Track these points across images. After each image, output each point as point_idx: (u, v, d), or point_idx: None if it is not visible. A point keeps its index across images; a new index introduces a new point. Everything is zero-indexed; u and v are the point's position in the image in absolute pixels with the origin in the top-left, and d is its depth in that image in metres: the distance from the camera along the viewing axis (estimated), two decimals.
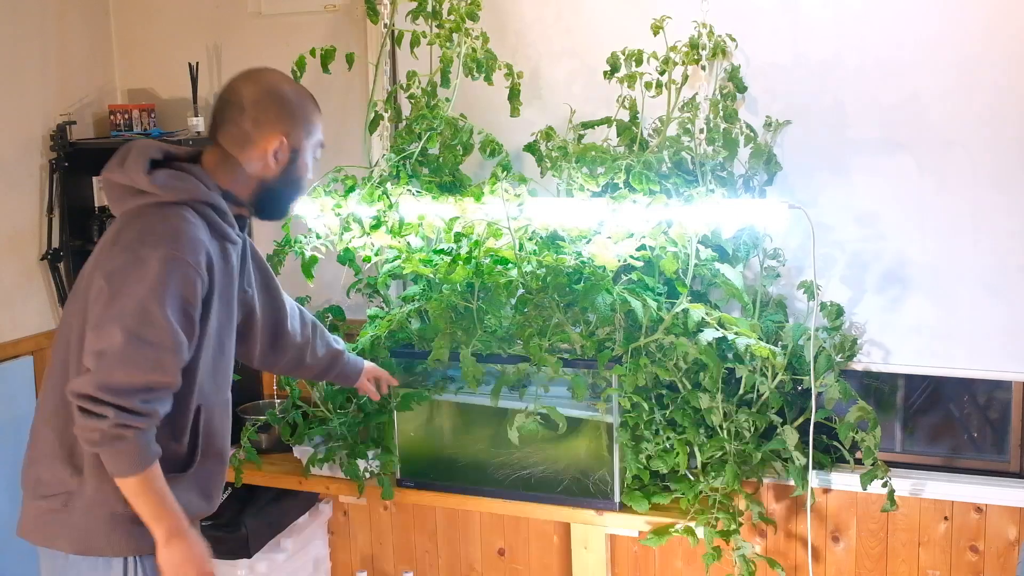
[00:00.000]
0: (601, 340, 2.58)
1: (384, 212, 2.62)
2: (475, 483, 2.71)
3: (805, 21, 2.59)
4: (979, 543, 2.65)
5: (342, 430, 2.81)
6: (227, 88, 1.94)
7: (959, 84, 2.49)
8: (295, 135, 1.92)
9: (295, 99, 1.93)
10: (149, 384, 1.77)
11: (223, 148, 1.92)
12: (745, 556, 2.49)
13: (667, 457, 2.55)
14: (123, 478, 1.80)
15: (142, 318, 1.76)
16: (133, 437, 1.77)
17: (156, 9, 3.29)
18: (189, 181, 1.86)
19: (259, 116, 1.89)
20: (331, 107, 3.07)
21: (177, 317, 1.79)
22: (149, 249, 1.78)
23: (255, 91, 1.91)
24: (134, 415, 1.76)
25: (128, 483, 1.80)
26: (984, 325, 2.56)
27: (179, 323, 1.79)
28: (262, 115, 1.89)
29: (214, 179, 1.91)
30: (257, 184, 1.94)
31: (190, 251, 1.80)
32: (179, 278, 1.79)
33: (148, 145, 1.90)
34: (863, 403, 2.45)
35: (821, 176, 2.62)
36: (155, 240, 1.79)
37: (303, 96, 1.96)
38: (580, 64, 2.78)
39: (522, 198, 2.47)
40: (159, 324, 1.76)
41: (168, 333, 1.77)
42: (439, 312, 2.59)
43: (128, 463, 1.79)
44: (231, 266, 1.95)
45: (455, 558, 3.18)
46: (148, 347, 1.76)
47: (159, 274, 1.77)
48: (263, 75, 1.94)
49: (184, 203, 1.85)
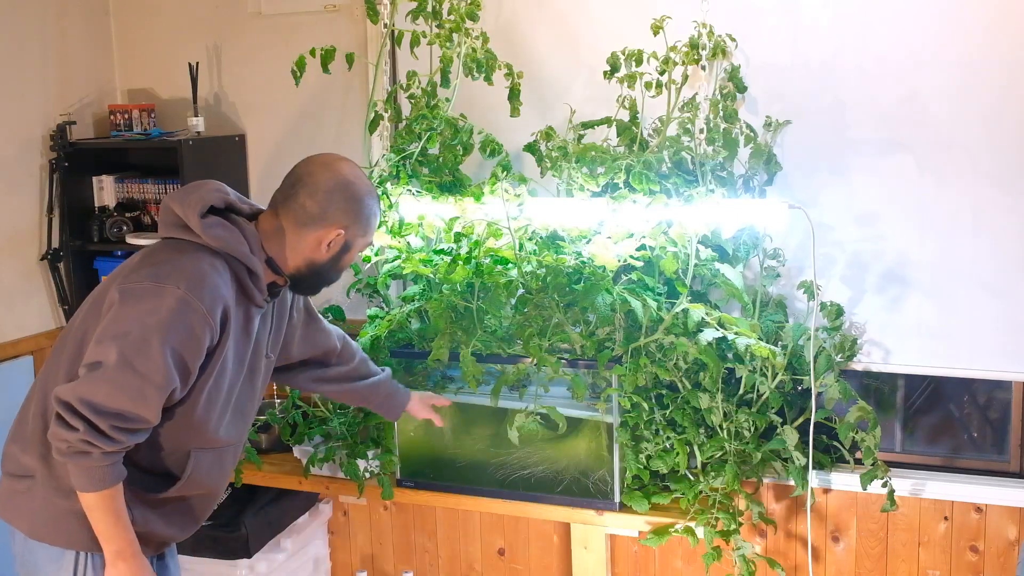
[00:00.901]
0: (601, 340, 2.58)
1: (384, 212, 2.62)
2: (475, 483, 2.71)
3: (805, 21, 2.59)
4: (979, 543, 2.65)
5: (342, 430, 2.80)
6: (304, 166, 1.98)
7: (959, 84, 2.49)
8: (353, 231, 1.98)
9: (364, 198, 1.98)
10: (126, 412, 1.79)
11: (286, 220, 1.96)
12: (745, 556, 2.49)
13: (667, 457, 2.55)
14: (81, 492, 1.83)
15: (140, 347, 1.78)
16: (98, 457, 1.79)
17: (156, 9, 3.29)
18: (236, 237, 1.90)
19: (328, 205, 1.94)
20: (331, 107, 3.08)
21: (174, 358, 1.80)
22: (171, 284, 1.81)
23: (331, 180, 1.95)
24: (102, 436, 1.78)
25: (85, 498, 1.83)
26: (984, 325, 2.56)
27: (174, 364, 1.81)
28: (331, 205, 1.94)
29: (265, 243, 1.95)
30: (304, 263, 1.98)
31: (208, 300, 1.83)
32: (188, 322, 1.81)
33: (217, 190, 1.94)
34: (863, 403, 2.45)
35: (821, 176, 2.62)
36: (179, 278, 1.82)
37: (371, 196, 2.01)
38: (580, 64, 2.78)
39: (522, 198, 2.47)
40: (154, 359, 1.78)
41: (160, 370, 1.79)
42: (439, 312, 2.59)
43: (88, 479, 1.81)
44: (252, 328, 1.98)
45: (455, 558, 3.18)
46: (136, 376, 1.78)
47: (171, 311, 1.79)
48: (342, 165, 1.99)
49: (222, 254, 1.89)
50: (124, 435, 1.81)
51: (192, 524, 2.09)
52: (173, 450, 1.95)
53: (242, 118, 3.22)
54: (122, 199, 3.22)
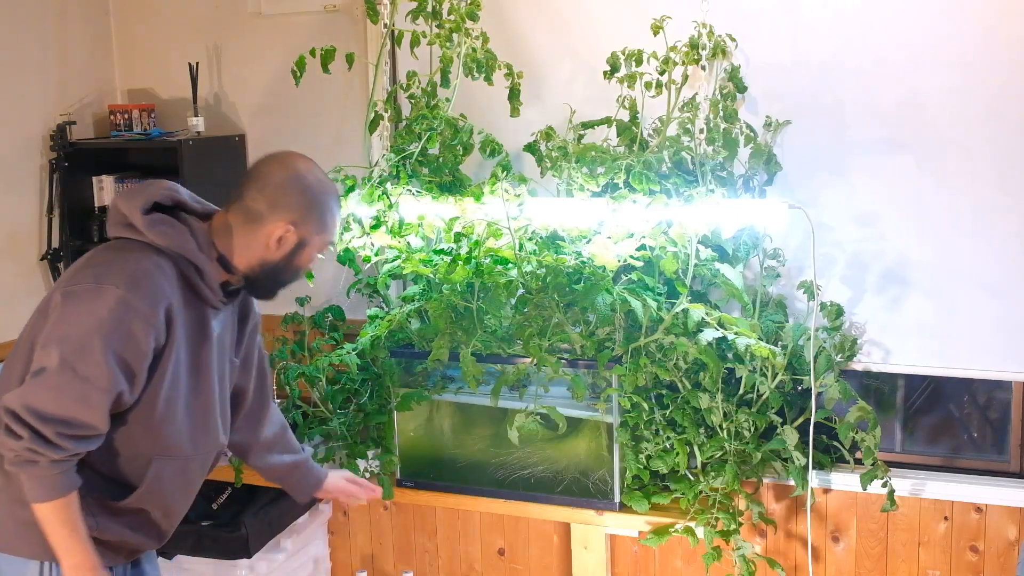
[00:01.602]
0: (601, 340, 2.58)
1: (384, 212, 2.62)
2: (475, 483, 2.71)
3: (805, 21, 2.59)
4: (979, 543, 2.65)
5: (342, 430, 2.81)
6: (258, 163, 1.94)
7: (959, 84, 2.49)
8: (305, 227, 1.91)
9: (316, 193, 1.92)
10: (70, 418, 1.74)
11: (238, 217, 1.90)
12: (745, 556, 2.49)
13: (667, 457, 2.55)
14: (34, 503, 1.78)
15: (81, 350, 1.73)
16: (46, 465, 1.74)
17: (156, 9, 3.29)
18: (182, 235, 1.85)
19: (276, 200, 1.88)
20: (331, 107, 3.08)
21: (117, 360, 1.75)
22: (110, 285, 1.76)
23: (282, 175, 1.90)
24: (48, 444, 1.73)
25: (38, 509, 1.78)
26: (984, 325, 2.56)
27: (118, 366, 1.75)
28: (280, 200, 1.88)
29: (215, 241, 1.89)
30: (257, 262, 1.91)
31: (149, 300, 1.77)
32: (129, 323, 1.75)
33: (167, 188, 1.89)
34: (863, 403, 2.45)
35: (821, 176, 2.62)
36: (120, 278, 1.77)
37: (325, 192, 1.94)
38: (580, 64, 2.78)
39: (522, 198, 2.47)
40: (95, 361, 1.73)
41: (103, 373, 1.74)
42: (439, 312, 2.59)
43: (38, 489, 1.76)
44: (209, 330, 1.92)
45: (455, 558, 3.18)
46: (79, 380, 1.73)
47: (111, 312, 1.74)
48: (296, 161, 1.94)
49: (167, 253, 1.83)
50: (71, 442, 1.75)
51: (158, 535, 2.01)
52: (133, 456, 1.89)
53: (242, 118, 3.22)
54: None
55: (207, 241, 1.88)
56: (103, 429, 1.79)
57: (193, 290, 1.87)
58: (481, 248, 2.53)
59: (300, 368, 2.76)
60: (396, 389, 2.74)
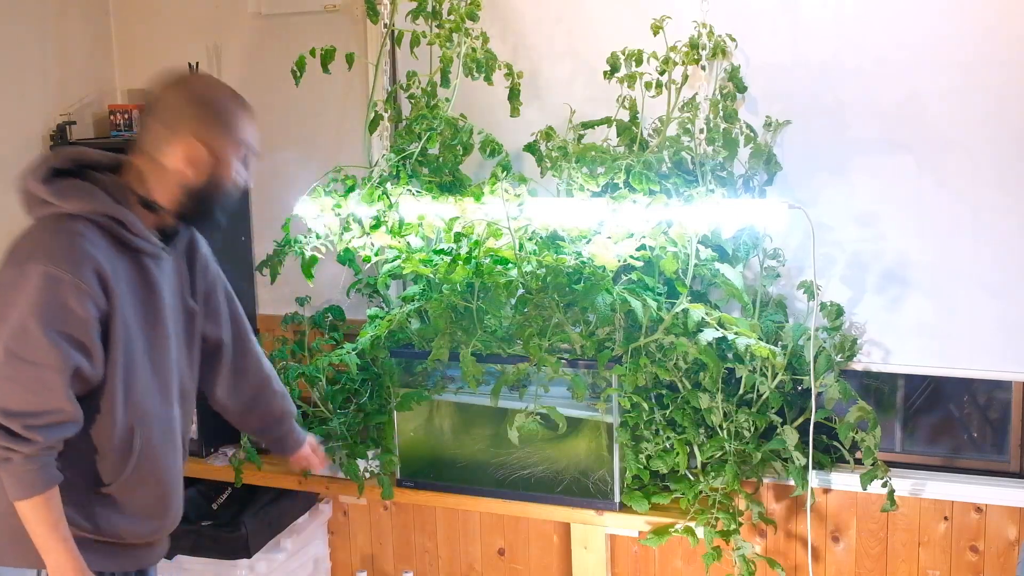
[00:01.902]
0: (601, 340, 2.58)
1: (384, 212, 2.62)
2: (475, 483, 2.71)
3: (805, 21, 2.59)
4: (979, 543, 2.65)
5: (342, 430, 2.81)
6: (149, 92, 1.86)
7: (959, 84, 2.49)
8: (214, 140, 1.82)
9: (217, 103, 1.83)
10: (33, 407, 1.69)
11: (145, 153, 1.83)
12: (745, 556, 2.49)
13: (667, 457, 2.56)
14: (16, 500, 1.74)
15: (21, 336, 1.69)
16: (20, 461, 1.70)
17: (156, 9, 3.29)
18: (92, 193, 1.79)
19: (176, 121, 1.80)
20: (331, 107, 3.08)
21: (60, 336, 1.70)
22: (33, 263, 1.71)
23: (175, 95, 1.83)
24: (17, 439, 1.69)
25: (20, 506, 1.74)
26: (984, 325, 2.56)
27: (65, 341, 1.71)
28: (180, 120, 1.80)
29: (134, 188, 1.83)
30: (179, 190, 1.83)
31: (73, 267, 1.71)
32: (60, 296, 1.70)
33: (64, 153, 1.84)
34: (863, 403, 2.45)
35: (821, 176, 2.62)
36: (40, 254, 1.72)
37: (227, 100, 1.85)
38: (580, 64, 2.78)
39: (522, 198, 2.47)
40: (38, 343, 1.69)
41: (49, 352, 1.69)
42: (439, 312, 2.59)
43: (17, 486, 1.72)
44: (152, 278, 1.87)
45: (455, 558, 3.18)
46: (28, 367, 1.69)
47: (39, 290, 1.69)
48: (187, 79, 1.88)
49: (84, 216, 1.77)
50: (41, 432, 1.70)
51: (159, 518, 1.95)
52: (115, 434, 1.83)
53: None
54: None
55: (122, 190, 1.81)
56: (73, 412, 1.74)
57: (124, 244, 1.80)
58: (481, 248, 2.53)
59: (300, 368, 2.76)
60: (396, 389, 2.74)
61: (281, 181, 3.12)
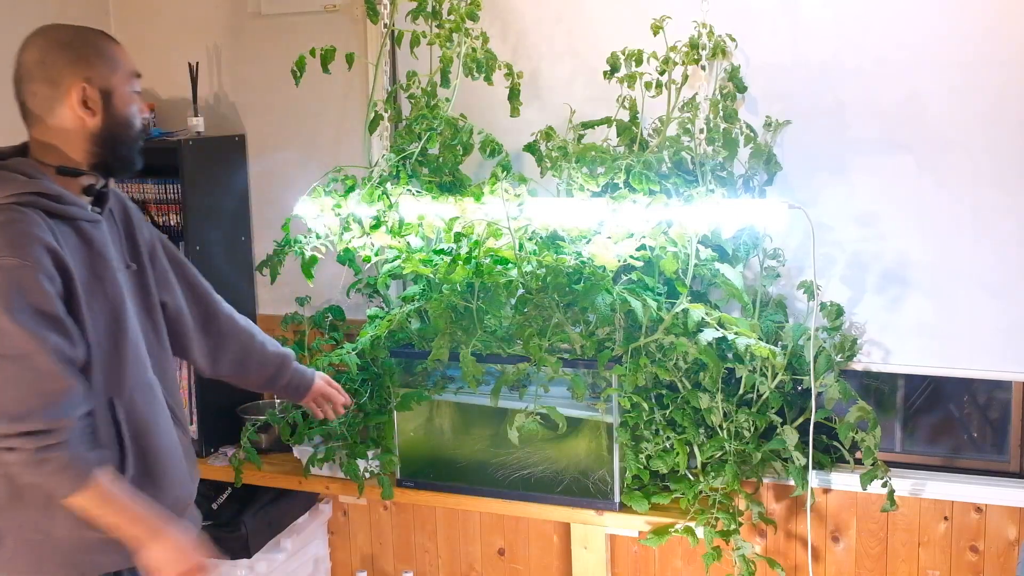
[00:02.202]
0: (601, 340, 2.58)
1: (384, 212, 2.62)
2: (475, 483, 2.71)
3: (805, 21, 2.59)
4: (979, 543, 2.65)
5: (342, 430, 2.80)
6: (15, 67, 1.82)
7: (959, 84, 2.49)
8: (96, 75, 1.79)
9: (78, 40, 1.81)
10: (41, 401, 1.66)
11: (40, 121, 1.80)
12: (745, 556, 2.49)
13: (667, 457, 2.56)
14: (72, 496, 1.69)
15: None
16: (59, 455, 1.67)
17: (156, 9, 3.29)
18: (7, 179, 1.74)
19: (49, 73, 1.77)
20: (331, 107, 3.08)
21: (35, 320, 1.66)
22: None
23: (34, 52, 1.79)
24: (44, 435, 1.66)
25: (78, 502, 1.70)
26: (984, 325, 2.56)
27: (42, 325, 1.67)
28: (51, 70, 1.77)
29: (44, 159, 1.80)
30: (86, 141, 1.80)
31: (22, 252, 1.67)
32: (19, 281, 1.66)
33: None
34: (863, 403, 2.45)
35: (821, 176, 2.62)
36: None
37: (87, 34, 1.83)
38: (580, 64, 2.78)
39: (522, 198, 2.47)
40: (12, 333, 1.65)
41: (30, 340, 1.65)
42: (439, 312, 2.59)
43: (68, 482, 1.69)
44: (98, 244, 1.83)
45: (455, 558, 3.18)
46: (16, 361, 1.65)
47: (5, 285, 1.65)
48: (37, 34, 1.83)
49: (11, 203, 1.72)
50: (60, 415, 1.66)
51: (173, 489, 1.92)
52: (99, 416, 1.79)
53: (242, 118, 3.22)
54: None
55: (34, 166, 1.78)
56: (77, 385, 1.71)
57: (60, 217, 1.76)
58: (481, 248, 2.53)
59: None
60: (396, 389, 2.74)
61: (281, 181, 3.12)
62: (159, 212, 3.13)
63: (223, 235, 3.11)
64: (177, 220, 3.07)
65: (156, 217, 3.14)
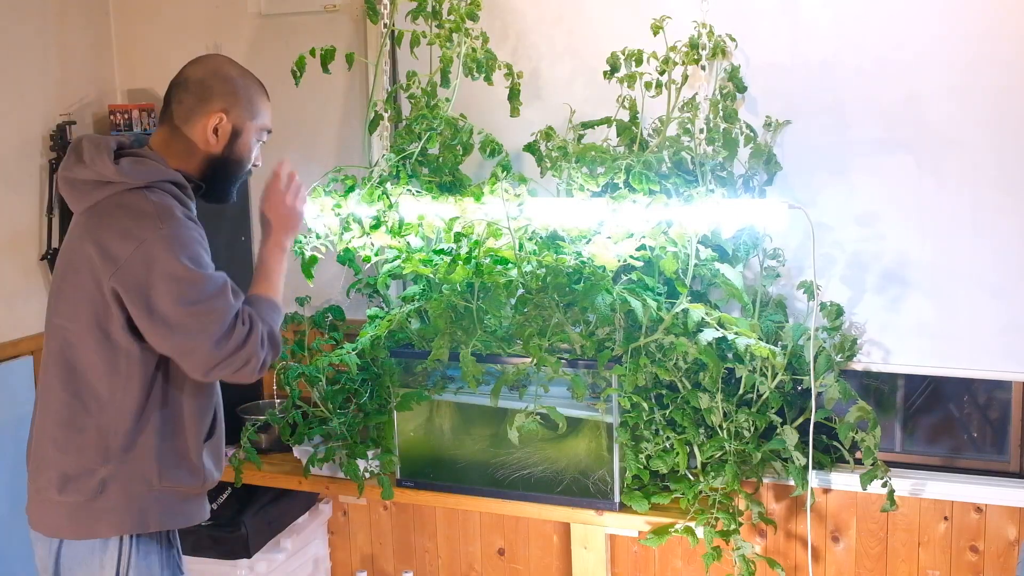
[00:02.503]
0: (601, 340, 2.58)
1: (384, 212, 2.62)
2: (475, 483, 2.71)
3: (805, 21, 2.59)
4: (979, 543, 2.65)
5: (342, 430, 2.80)
6: (178, 73, 2.05)
7: (959, 84, 2.49)
8: (236, 113, 2.01)
9: (239, 80, 2.03)
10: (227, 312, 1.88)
11: (172, 126, 2.01)
12: (745, 556, 2.49)
13: (667, 457, 2.55)
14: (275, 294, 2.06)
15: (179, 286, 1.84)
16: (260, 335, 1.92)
17: (156, 9, 3.29)
18: (150, 164, 1.94)
19: (202, 93, 1.99)
20: (331, 107, 3.08)
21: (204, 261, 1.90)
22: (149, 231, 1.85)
23: (201, 71, 2.02)
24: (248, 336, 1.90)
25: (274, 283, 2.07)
26: (984, 325, 2.56)
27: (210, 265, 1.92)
28: (205, 92, 1.99)
29: (168, 160, 1.99)
30: (202, 160, 2.02)
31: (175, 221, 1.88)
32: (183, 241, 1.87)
33: (101, 139, 1.97)
34: (863, 403, 2.45)
35: (821, 176, 2.62)
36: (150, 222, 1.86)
37: (248, 79, 2.06)
38: (580, 64, 2.78)
39: (522, 198, 2.47)
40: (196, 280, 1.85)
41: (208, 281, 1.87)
42: (439, 312, 2.59)
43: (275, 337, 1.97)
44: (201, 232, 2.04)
45: (455, 558, 3.18)
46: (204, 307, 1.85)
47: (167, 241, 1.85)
48: (210, 59, 2.07)
49: (150, 186, 1.92)
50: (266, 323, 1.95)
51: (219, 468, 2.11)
52: None
53: None
54: None
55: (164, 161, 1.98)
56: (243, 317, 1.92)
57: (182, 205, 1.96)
58: (481, 248, 2.53)
59: (300, 368, 2.76)
60: (396, 389, 2.74)
61: None
62: None
63: (223, 235, 3.11)
64: None
65: None
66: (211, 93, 2.00)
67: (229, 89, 2.01)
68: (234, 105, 2.01)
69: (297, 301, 3.01)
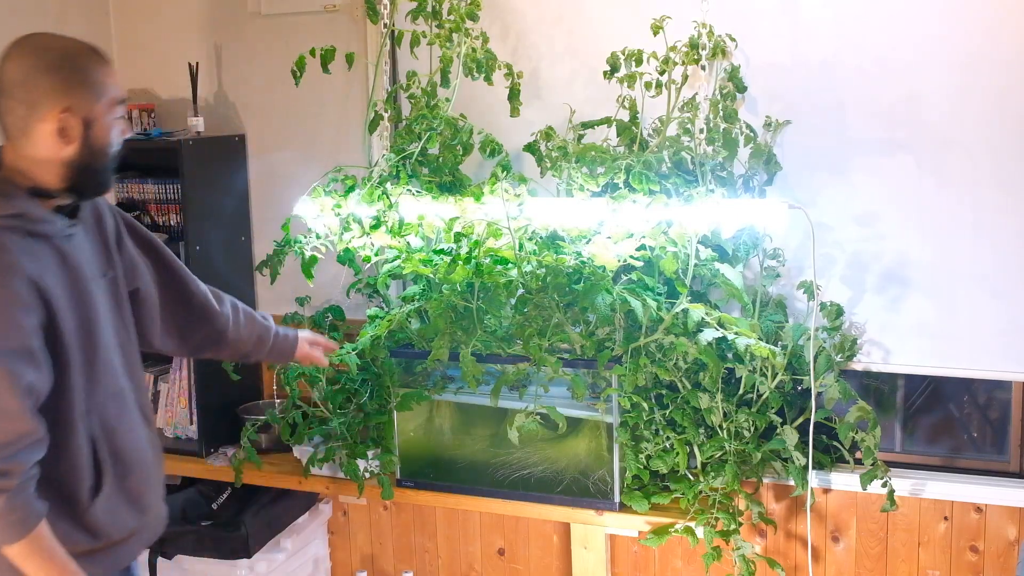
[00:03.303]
0: (601, 340, 2.58)
1: (384, 212, 2.62)
2: (475, 483, 2.71)
3: (805, 21, 2.59)
4: (979, 543, 2.65)
5: (342, 430, 2.81)
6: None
7: (959, 84, 2.49)
8: (79, 103, 1.69)
9: (63, 64, 1.69)
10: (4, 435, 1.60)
11: (11, 138, 1.70)
12: (745, 556, 2.49)
13: (667, 457, 2.56)
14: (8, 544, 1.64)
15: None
16: (6, 501, 1.61)
17: (156, 9, 3.29)
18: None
19: (29, 97, 1.67)
20: (331, 107, 3.08)
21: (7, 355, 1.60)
22: None
23: (18, 71, 1.68)
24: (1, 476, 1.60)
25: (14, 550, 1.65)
26: (984, 325, 2.56)
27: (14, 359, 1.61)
28: (32, 95, 1.67)
29: (16, 180, 1.71)
30: (59, 167, 1.71)
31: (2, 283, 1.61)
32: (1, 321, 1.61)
33: None
34: (863, 403, 2.46)
35: (821, 176, 2.62)
36: None
37: (75, 54, 1.71)
38: (580, 64, 2.78)
39: (522, 198, 2.47)
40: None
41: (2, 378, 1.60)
42: (439, 312, 2.59)
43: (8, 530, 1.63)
44: (72, 261, 1.77)
45: (455, 558, 3.18)
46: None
47: None
48: (24, 47, 1.70)
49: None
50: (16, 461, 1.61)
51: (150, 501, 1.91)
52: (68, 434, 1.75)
53: (242, 118, 3.22)
54: (122, 199, 3.22)
55: (7, 182, 1.69)
56: (41, 431, 1.66)
57: (34, 236, 1.69)
58: (481, 248, 2.53)
59: (300, 368, 2.76)
60: (396, 389, 2.74)
61: (281, 181, 3.12)
62: (159, 212, 3.13)
63: (223, 235, 3.11)
64: (177, 220, 3.08)
65: (156, 217, 3.14)
66: (40, 94, 1.66)
67: (59, 80, 1.67)
68: (73, 95, 1.67)
69: (297, 301, 3.01)
